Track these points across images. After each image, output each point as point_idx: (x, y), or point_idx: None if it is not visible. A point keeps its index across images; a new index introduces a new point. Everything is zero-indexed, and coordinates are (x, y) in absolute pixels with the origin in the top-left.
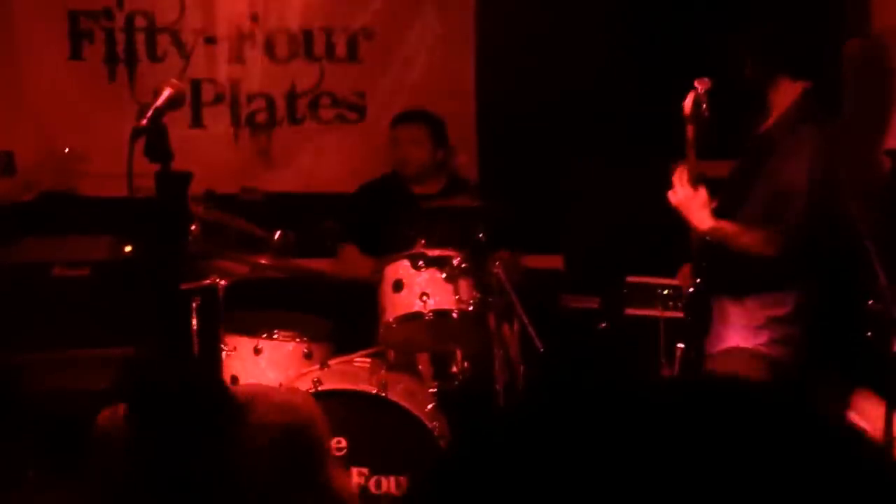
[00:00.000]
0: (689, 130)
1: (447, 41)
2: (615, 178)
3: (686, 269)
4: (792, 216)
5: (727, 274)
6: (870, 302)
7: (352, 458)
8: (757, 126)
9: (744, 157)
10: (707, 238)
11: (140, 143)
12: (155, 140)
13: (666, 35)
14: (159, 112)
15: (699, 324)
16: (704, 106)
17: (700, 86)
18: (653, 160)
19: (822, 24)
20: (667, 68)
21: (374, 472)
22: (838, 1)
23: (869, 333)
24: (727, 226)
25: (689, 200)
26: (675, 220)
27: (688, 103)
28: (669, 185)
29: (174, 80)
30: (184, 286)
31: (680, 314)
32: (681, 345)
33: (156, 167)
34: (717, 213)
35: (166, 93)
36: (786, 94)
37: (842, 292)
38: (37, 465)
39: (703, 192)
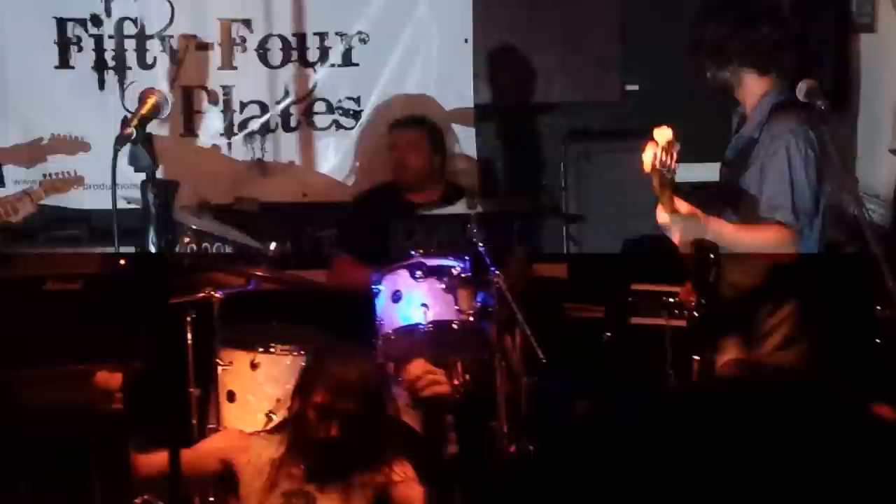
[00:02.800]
0: (656, 183)
1: (444, 45)
2: (622, 183)
3: (688, 285)
4: (779, 213)
5: (726, 287)
6: (878, 307)
7: None
8: (735, 127)
9: (727, 163)
10: (706, 244)
11: (125, 153)
12: (139, 149)
13: (673, 28)
14: (144, 120)
15: (709, 337)
16: (669, 158)
17: (661, 137)
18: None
19: (780, 15)
20: (672, 65)
21: None
22: None
23: (878, 340)
24: (728, 225)
25: (682, 220)
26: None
27: (647, 158)
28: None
29: (157, 88)
30: (177, 300)
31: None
32: (696, 357)
33: (142, 176)
34: None
35: (150, 100)
36: (752, 91)
37: (849, 298)
38: (27, 481)
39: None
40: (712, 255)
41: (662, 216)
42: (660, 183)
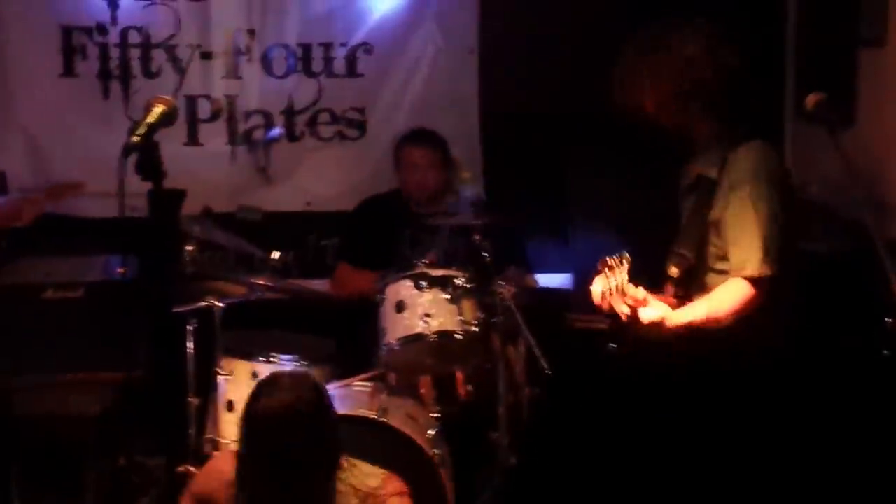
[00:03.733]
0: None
1: (449, 54)
2: (625, 193)
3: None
4: (749, 266)
5: None
6: (887, 319)
7: None
8: (686, 160)
9: (685, 201)
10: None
11: (132, 161)
12: (147, 157)
13: None
14: (151, 128)
15: None
16: (618, 289)
17: (611, 266)
18: (664, 176)
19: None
20: None
21: None
22: (854, 10)
23: (886, 351)
24: (698, 311)
25: (657, 316)
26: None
27: (596, 291)
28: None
29: (165, 96)
30: (179, 308)
31: None
32: None
33: (148, 185)
34: (681, 281)
35: (158, 108)
36: (703, 133)
37: (857, 310)
38: (23, 492)
39: (657, 303)
40: None
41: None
42: (615, 309)
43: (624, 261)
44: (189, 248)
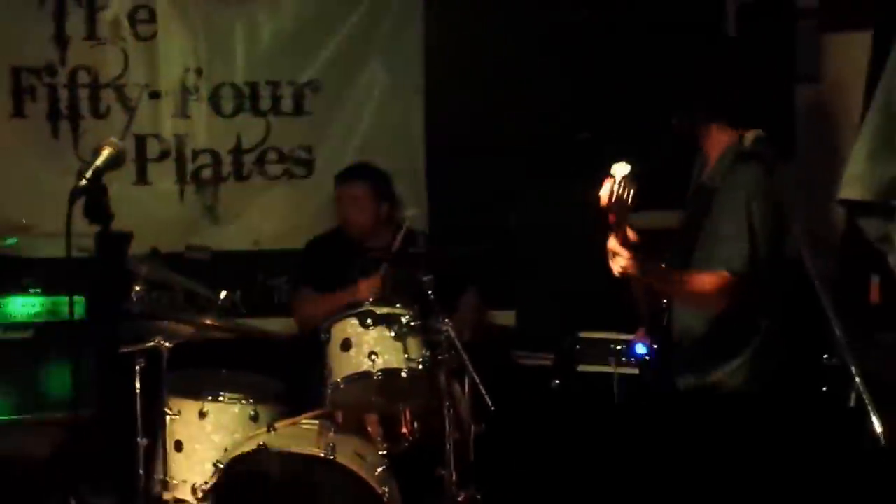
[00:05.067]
0: (612, 217)
1: (395, 93)
2: (568, 231)
3: (642, 331)
4: (735, 261)
5: (682, 330)
6: (825, 356)
7: None
8: (697, 175)
9: (687, 209)
10: (654, 288)
11: (81, 204)
12: (95, 201)
13: (624, 83)
14: (99, 172)
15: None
16: (626, 193)
17: (619, 172)
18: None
19: (753, 72)
20: (623, 118)
21: None
22: (788, 49)
23: (825, 388)
24: (671, 273)
25: (630, 261)
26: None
27: (605, 192)
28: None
29: (114, 139)
30: (127, 348)
31: (634, 370)
32: None
33: (96, 227)
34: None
35: (106, 152)
36: (718, 142)
37: (796, 346)
38: None
39: (638, 251)
40: (665, 301)
41: (616, 262)
42: (616, 219)
43: (633, 182)
44: (137, 288)
